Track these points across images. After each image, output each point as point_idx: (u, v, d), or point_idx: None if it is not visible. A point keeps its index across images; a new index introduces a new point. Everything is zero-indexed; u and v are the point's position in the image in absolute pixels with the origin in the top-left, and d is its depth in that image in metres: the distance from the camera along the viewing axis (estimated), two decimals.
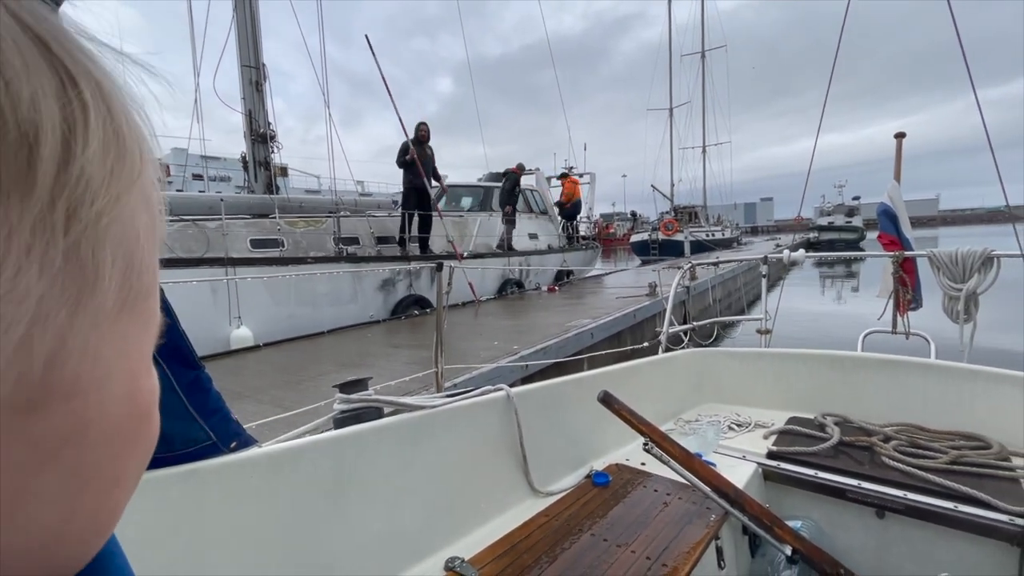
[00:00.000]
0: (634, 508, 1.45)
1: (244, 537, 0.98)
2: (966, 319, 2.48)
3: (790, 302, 13.77)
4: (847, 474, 1.61)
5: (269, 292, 5.44)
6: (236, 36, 7.10)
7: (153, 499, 0.89)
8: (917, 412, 1.91)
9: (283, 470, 1.05)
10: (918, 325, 2.81)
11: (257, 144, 7.39)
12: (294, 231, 6.63)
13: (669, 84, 35.87)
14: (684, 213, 32.56)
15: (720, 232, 32.16)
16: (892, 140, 3.41)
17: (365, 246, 7.39)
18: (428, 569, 1.22)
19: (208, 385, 0.91)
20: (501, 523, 1.41)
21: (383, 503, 1.21)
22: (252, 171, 7.47)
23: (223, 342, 4.95)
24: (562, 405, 1.75)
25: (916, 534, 1.48)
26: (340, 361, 4.51)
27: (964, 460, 1.57)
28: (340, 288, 6.16)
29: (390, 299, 6.81)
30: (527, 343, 4.72)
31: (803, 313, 12.50)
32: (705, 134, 39.51)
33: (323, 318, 5.92)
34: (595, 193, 15.33)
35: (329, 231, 6.88)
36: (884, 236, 3.19)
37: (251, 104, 7.24)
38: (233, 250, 5.74)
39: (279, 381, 3.89)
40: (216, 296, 4.97)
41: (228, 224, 5.88)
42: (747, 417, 2.15)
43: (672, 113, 36.71)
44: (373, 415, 1.30)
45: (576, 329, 5.26)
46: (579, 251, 12.83)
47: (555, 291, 9.39)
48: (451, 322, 6.25)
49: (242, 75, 7.21)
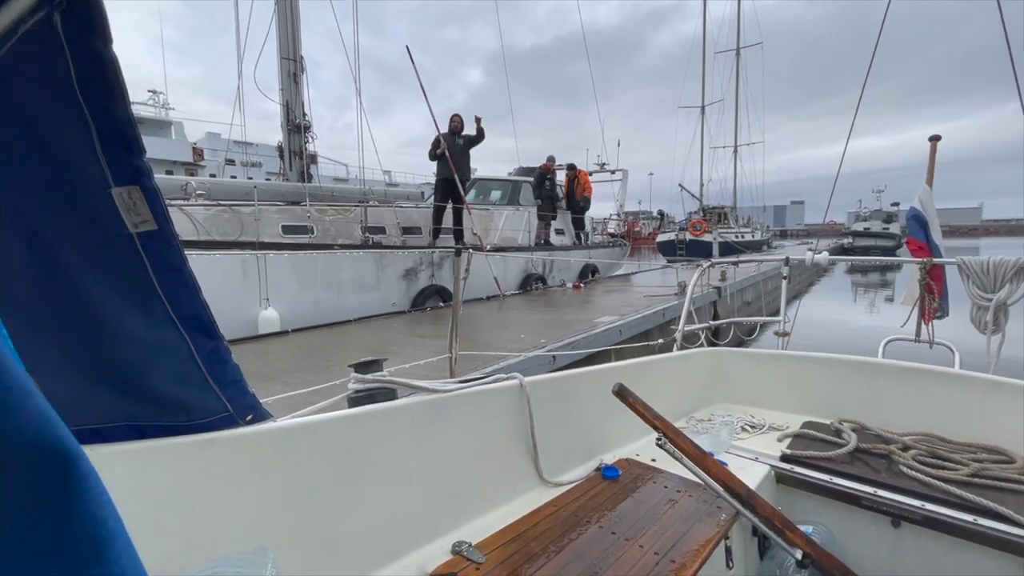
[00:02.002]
0: (643, 503, 1.44)
1: (256, 508, 1.00)
2: (994, 330, 2.42)
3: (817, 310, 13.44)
4: (863, 481, 1.58)
5: (296, 277, 5.60)
6: (276, 30, 7.31)
7: (171, 466, 0.91)
8: (938, 422, 1.87)
9: (297, 445, 1.06)
10: (943, 335, 2.75)
11: (293, 134, 7.59)
12: (323, 218, 6.81)
13: (702, 81, 35.10)
14: (713, 214, 31.92)
15: (750, 234, 31.46)
16: (940, 145, 3.31)
17: (391, 235, 7.53)
18: (435, 551, 1.23)
19: (227, 356, 0.92)
20: (509, 510, 1.41)
21: (393, 483, 1.22)
22: (287, 160, 7.69)
23: (251, 322, 5.13)
24: (574, 397, 1.75)
25: (931, 545, 1.45)
26: (368, 348, 4.60)
27: (986, 473, 1.53)
28: (364, 275, 6.30)
29: (412, 288, 6.92)
30: (554, 337, 4.69)
31: (829, 320, 12.17)
32: (737, 133, 38.60)
33: (347, 304, 6.06)
34: (626, 190, 15.11)
35: (357, 219, 7.05)
36: (912, 242, 3.13)
37: (288, 95, 7.45)
38: (265, 235, 5.95)
39: (307, 364, 4.00)
40: (247, 278, 5.15)
41: (261, 210, 6.11)
42: (761, 419, 2.13)
43: (704, 111, 35.95)
44: (387, 396, 1.31)
45: (604, 326, 5.24)
46: (605, 248, 12.66)
47: (580, 288, 9.35)
48: (475, 315, 6.35)
49: (281, 67, 7.42)
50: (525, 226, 9.83)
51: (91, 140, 0.66)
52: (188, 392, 0.90)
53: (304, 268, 5.66)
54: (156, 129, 27.19)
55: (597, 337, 4.89)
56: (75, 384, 0.79)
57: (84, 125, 0.65)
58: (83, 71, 0.63)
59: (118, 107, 0.66)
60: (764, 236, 36.03)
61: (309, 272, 5.71)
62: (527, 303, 7.60)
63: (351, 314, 6.03)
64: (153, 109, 27.70)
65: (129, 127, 0.68)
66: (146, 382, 0.84)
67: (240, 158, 17.52)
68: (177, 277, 0.79)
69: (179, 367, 0.85)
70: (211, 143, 28.22)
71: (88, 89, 0.64)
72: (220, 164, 26.74)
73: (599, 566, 1.16)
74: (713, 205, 33.54)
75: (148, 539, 0.84)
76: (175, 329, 0.82)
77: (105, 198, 0.70)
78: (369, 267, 6.36)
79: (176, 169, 25.30)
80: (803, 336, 3.20)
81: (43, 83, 0.62)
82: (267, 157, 13.62)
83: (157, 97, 28.05)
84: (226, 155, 14.46)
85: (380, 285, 6.49)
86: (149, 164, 0.71)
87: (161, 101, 28.12)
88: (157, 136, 26.29)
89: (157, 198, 0.73)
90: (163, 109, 28.19)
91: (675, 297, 7.25)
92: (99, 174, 0.68)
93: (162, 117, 28.00)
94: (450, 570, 1.15)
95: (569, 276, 10.52)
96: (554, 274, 10.05)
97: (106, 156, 0.67)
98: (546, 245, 10.13)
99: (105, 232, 0.72)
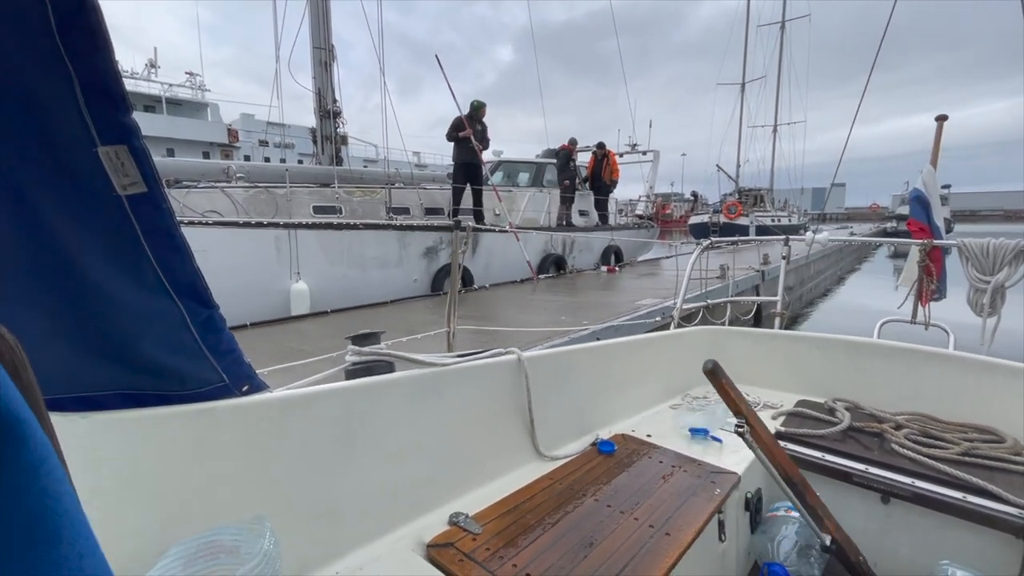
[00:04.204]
0: (638, 477, 1.46)
1: (253, 478, 1.00)
2: (991, 312, 2.42)
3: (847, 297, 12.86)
4: (855, 459, 1.60)
5: (324, 253, 5.95)
6: (309, 21, 7.64)
7: (167, 435, 0.90)
8: (931, 402, 1.89)
9: (294, 416, 1.06)
10: (939, 317, 2.76)
11: (324, 120, 7.97)
12: (351, 199, 7.15)
13: (744, 56, 33.70)
14: (749, 196, 30.94)
15: (786, 218, 30.43)
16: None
17: (415, 216, 7.80)
18: (432, 521, 1.24)
19: (222, 325, 0.89)
20: (506, 483, 1.43)
21: (390, 455, 1.22)
22: (319, 144, 8.09)
23: (284, 293, 5.54)
24: (572, 373, 1.75)
25: (919, 521, 1.48)
26: (403, 328, 4.74)
27: (976, 452, 1.55)
28: (387, 253, 6.60)
29: (432, 266, 7.18)
30: (596, 319, 4.74)
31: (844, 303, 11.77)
32: (778, 112, 37.09)
33: (371, 279, 6.40)
34: (656, 172, 14.91)
35: (383, 200, 7.35)
36: (914, 223, 3.09)
37: (320, 83, 7.80)
38: (297, 215, 6.37)
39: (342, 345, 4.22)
40: (280, 254, 5.54)
41: (294, 191, 6.53)
42: (756, 397, 2.16)
43: (744, 88, 34.62)
44: (384, 369, 1.31)
45: (646, 308, 5.28)
46: (631, 229, 12.47)
47: (615, 271, 9.33)
48: (509, 297, 6.53)
49: (313, 56, 7.73)
50: (547, 207, 9.90)
51: (74, 94, 0.61)
52: (182, 361, 0.87)
53: (331, 245, 6.00)
54: (193, 111, 27.96)
55: (638, 320, 4.92)
56: (66, 351, 0.77)
57: (66, 78, 0.60)
58: (64, 20, 0.58)
59: (102, 58, 0.61)
60: (801, 220, 34.79)
61: (336, 249, 6.04)
62: (562, 286, 7.61)
63: (375, 289, 6.35)
64: (190, 91, 28.39)
65: (115, 81, 0.63)
66: (139, 350, 0.81)
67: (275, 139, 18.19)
68: (169, 242, 0.76)
69: (172, 335, 0.83)
70: (245, 124, 28.91)
71: (69, 37, 0.58)
72: (254, 145, 27.56)
73: (594, 537, 1.17)
74: (749, 187, 32.52)
75: (145, 507, 0.87)
76: (167, 296, 0.79)
77: (91, 158, 0.65)
78: (392, 245, 6.64)
79: (212, 150, 26.02)
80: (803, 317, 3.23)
81: (18, 29, 0.57)
82: (299, 138, 14.16)
83: (194, 79, 28.70)
84: (265, 135, 15.03)
85: (402, 262, 6.77)
86: (136, 123, 0.67)
87: (198, 83, 28.74)
88: (194, 118, 27.06)
89: (146, 159, 0.69)
90: (199, 91, 28.81)
91: (717, 280, 6.95)
92: (84, 132, 0.64)
93: (199, 99, 28.66)
94: (447, 540, 1.16)
95: (590, 258, 10.52)
96: (574, 255, 10.06)
97: (91, 112, 0.63)
98: (568, 226, 10.16)
99: (92, 194, 0.68)
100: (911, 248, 2.88)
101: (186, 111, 27.72)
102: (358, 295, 6.16)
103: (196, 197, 5.92)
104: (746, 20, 32.77)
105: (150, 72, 26.96)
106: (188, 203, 5.66)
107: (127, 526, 0.85)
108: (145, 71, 26.81)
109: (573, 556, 1.10)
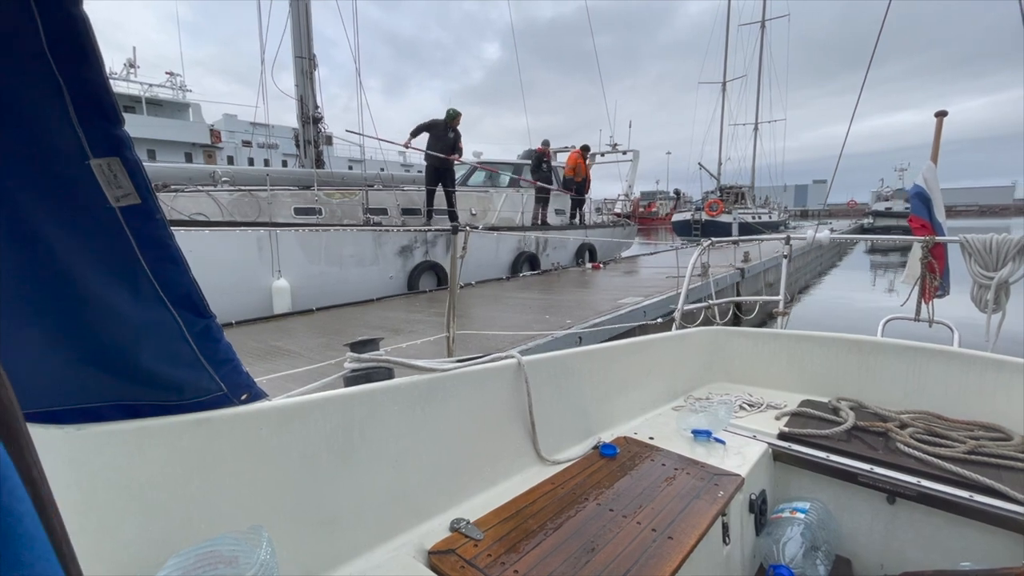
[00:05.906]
0: (641, 481, 1.43)
1: (253, 487, 0.99)
2: (995, 309, 2.38)
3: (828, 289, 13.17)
4: (860, 458, 1.58)
5: (304, 252, 6.28)
6: (292, 30, 8.00)
7: (165, 445, 0.90)
8: (936, 400, 1.86)
9: (293, 424, 1.05)
10: (943, 314, 2.70)
11: (307, 125, 8.34)
12: (331, 201, 7.51)
13: (724, 55, 34.32)
14: (731, 193, 31.63)
15: (767, 215, 31.17)
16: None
17: (392, 216, 8.19)
18: (433, 528, 1.23)
19: (219, 335, 0.89)
20: (507, 488, 1.41)
21: (390, 462, 1.21)
22: (302, 148, 8.47)
23: (266, 290, 5.86)
24: (572, 376, 1.74)
25: (926, 521, 1.46)
26: (387, 326, 4.92)
27: (983, 450, 1.52)
28: (363, 252, 6.91)
29: (408, 263, 7.49)
30: (579, 318, 4.77)
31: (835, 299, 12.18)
32: (759, 111, 37.84)
33: (349, 277, 6.73)
34: (636, 171, 15.24)
35: (361, 202, 7.72)
36: (915, 220, 3.05)
37: (303, 91, 8.18)
38: (279, 216, 6.74)
39: (333, 343, 4.34)
40: (262, 253, 5.86)
41: (276, 194, 6.96)
42: (759, 397, 2.13)
43: (725, 87, 35.28)
44: (383, 375, 1.30)
45: (628, 307, 5.30)
46: (607, 228, 12.73)
47: (600, 268, 9.70)
48: (492, 295, 6.74)
49: (295, 65, 8.09)
50: (522, 207, 10.26)
51: (66, 108, 0.63)
52: (180, 371, 0.88)
53: (310, 244, 6.32)
54: (174, 111, 27.67)
55: (621, 318, 4.91)
56: (63, 363, 0.77)
57: (57, 92, 0.61)
58: (53, 33, 0.59)
59: (93, 72, 0.63)
60: (781, 216, 35.57)
61: (315, 248, 6.36)
62: (546, 284, 7.79)
63: (352, 285, 6.68)
64: (171, 91, 28.07)
65: (106, 94, 0.64)
66: (136, 361, 0.81)
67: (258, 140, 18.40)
68: (164, 253, 0.77)
69: (170, 346, 0.84)
70: (228, 125, 28.66)
71: (59, 52, 0.60)
72: (237, 146, 27.39)
73: (596, 542, 1.15)
74: (731, 185, 33.20)
75: (144, 518, 0.87)
76: (164, 307, 0.80)
77: (84, 170, 0.66)
78: (368, 244, 6.95)
79: (195, 152, 25.87)
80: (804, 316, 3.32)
81: (8, 44, 0.58)
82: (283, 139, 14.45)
83: (174, 79, 28.35)
84: (251, 136, 15.22)
85: (378, 260, 7.09)
86: (128, 134, 0.68)
87: (178, 83, 28.41)
88: (175, 118, 26.80)
89: (138, 170, 0.70)
90: (180, 91, 28.48)
91: (698, 278, 6.90)
92: (76, 145, 0.65)
93: (180, 99, 28.31)
94: (449, 547, 1.15)
95: (565, 256, 10.85)
96: (548, 252, 10.35)
97: (82, 125, 0.64)
98: (543, 225, 10.52)
99: (86, 207, 0.69)
100: (914, 245, 2.87)
101: (167, 111, 27.48)
102: (336, 291, 6.49)
103: (184, 200, 6.25)
104: (727, 19, 33.42)
105: (129, 72, 26.74)
106: (176, 206, 6.01)
107: (125, 537, 0.85)
108: (124, 71, 26.60)
109: (575, 561, 1.09)
